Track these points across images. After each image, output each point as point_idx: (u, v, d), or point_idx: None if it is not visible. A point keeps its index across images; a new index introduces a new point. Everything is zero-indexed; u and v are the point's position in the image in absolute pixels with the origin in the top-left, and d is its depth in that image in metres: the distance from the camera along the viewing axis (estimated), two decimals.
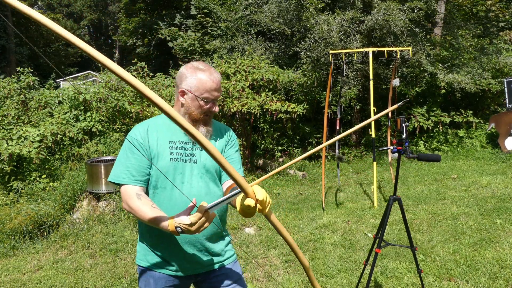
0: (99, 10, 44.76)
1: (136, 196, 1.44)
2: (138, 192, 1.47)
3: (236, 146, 1.70)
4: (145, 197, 1.46)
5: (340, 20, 7.80)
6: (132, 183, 1.49)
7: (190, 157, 1.55)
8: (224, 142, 1.66)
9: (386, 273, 3.23)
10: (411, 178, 6.59)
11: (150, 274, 1.59)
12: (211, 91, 1.52)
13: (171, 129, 1.57)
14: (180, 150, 1.55)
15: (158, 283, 1.58)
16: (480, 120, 9.02)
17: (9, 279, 3.51)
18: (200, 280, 1.63)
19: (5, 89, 8.01)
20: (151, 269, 1.58)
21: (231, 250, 1.69)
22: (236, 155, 1.68)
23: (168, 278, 1.58)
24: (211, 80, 1.51)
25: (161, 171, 1.49)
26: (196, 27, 13.96)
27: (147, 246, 1.59)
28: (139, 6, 21.45)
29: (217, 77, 1.55)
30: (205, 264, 1.59)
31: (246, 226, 4.59)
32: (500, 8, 10.69)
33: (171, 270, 1.57)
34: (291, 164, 1.25)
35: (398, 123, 2.41)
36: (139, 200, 1.42)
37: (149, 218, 1.36)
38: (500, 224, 4.09)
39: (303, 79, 8.43)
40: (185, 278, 1.60)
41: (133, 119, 7.87)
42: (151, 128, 1.56)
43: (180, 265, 1.56)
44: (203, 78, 1.51)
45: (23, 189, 5.80)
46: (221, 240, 1.64)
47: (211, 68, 1.57)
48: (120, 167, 1.52)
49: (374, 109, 5.20)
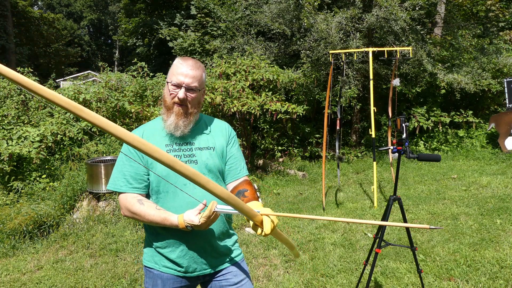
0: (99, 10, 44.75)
1: (138, 202, 1.46)
2: (139, 197, 1.49)
3: (236, 142, 1.69)
4: (147, 201, 1.47)
5: (340, 19, 7.79)
6: (130, 191, 1.51)
7: (189, 158, 1.54)
8: (224, 141, 1.63)
9: (386, 273, 3.23)
10: (411, 178, 6.59)
11: (158, 275, 1.58)
12: (177, 74, 1.49)
13: (167, 132, 1.56)
14: (178, 152, 1.53)
15: (166, 284, 1.57)
16: (480, 120, 9.02)
17: (9, 279, 3.51)
18: (208, 279, 1.63)
19: (5, 89, 8.02)
20: (159, 270, 1.58)
21: (238, 249, 1.69)
22: (238, 153, 1.67)
23: (176, 279, 1.58)
24: (180, 64, 1.51)
25: (160, 175, 1.48)
26: (196, 27, 13.97)
27: (154, 248, 1.59)
28: (139, 7, 21.46)
29: (189, 63, 1.51)
30: (213, 264, 1.59)
31: (246, 226, 4.59)
32: (500, 8, 10.68)
33: (179, 271, 1.56)
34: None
35: (398, 123, 2.40)
36: (142, 205, 1.44)
37: (157, 219, 1.41)
38: (500, 224, 4.09)
39: (303, 79, 8.43)
40: (193, 278, 1.60)
41: (133, 119, 7.87)
42: (146, 133, 1.57)
43: (188, 266, 1.55)
44: (176, 63, 1.53)
45: (23, 189, 5.80)
46: (227, 239, 1.64)
47: (192, 59, 1.56)
48: (117, 174, 1.54)
49: (374, 109, 5.19)
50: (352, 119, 10.15)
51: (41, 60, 27.82)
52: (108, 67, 9.42)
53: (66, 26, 37.58)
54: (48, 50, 28.68)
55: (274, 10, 9.19)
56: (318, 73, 8.67)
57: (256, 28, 10.33)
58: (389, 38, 8.00)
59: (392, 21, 7.52)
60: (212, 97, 6.50)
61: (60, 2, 42.37)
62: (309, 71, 8.65)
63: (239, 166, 1.64)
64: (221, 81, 7.20)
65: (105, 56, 43.09)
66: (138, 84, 8.38)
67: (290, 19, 9.13)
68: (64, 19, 38.25)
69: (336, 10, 8.18)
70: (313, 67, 8.59)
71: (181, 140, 1.56)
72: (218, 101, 6.42)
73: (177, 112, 1.51)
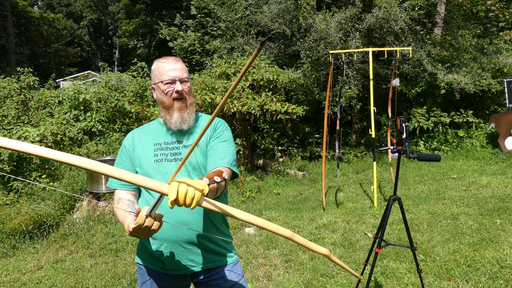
0: (99, 10, 44.75)
1: (117, 201, 1.53)
2: (120, 196, 1.54)
3: (221, 137, 1.59)
4: (123, 201, 1.52)
5: (339, 18, 7.79)
6: (120, 188, 1.58)
7: (175, 156, 1.56)
8: (208, 136, 1.59)
9: (386, 273, 3.23)
10: (411, 178, 6.59)
11: (148, 271, 1.60)
12: (166, 72, 1.55)
13: (158, 131, 1.62)
14: (165, 151, 1.57)
15: (155, 281, 1.58)
16: (480, 120, 9.02)
17: (9, 279, 3.51)
18: (198, 281, 1.61)
19: (5, 89, 8.02)
20: (148, 267, 1.60)
21: (231, 251, 1.65)
22: (219, 146, 1.55)
23: (163, 276, 1.58)
24: (163, 63, 1.57)
25: (146, 173, 1.54)
26: (196, 27, 13.97)
27: (143, 245, 1.61)
28: (139, 7, 21.48)
29: (170, 59, 1.58)
30: (199, 262, 1.56)
31: (246, 226, 4.59)
32: (500, 8, 10.69)
33: (166, 268, 1.57)
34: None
35: (398, 123, 2.40)
36: (118, 204, 1.51)
37: (121, 221, 1.46)
38: (500, 224, 4.09)
39: (303, 79, 8.43)
40: (180, 276, 1.59)
41: (133, 119, 7.88)
42: (139, 134, 1.65)
43: (173, 264, 1.55)
44: (158, 65, 1.58)
45: (23, 189, 5.80)
46: (218, 240, 1.60)
47: (169, 56, 1.62)
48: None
49: (374, 109, 5.19)
50: (352, 119, 10.15)
51: (41, 60, 27.82)
52: (108, 67, 9.42)
53: (66, 26, 37.60)
54: (48, 50, 28.68)
55: (274, 10, 9.19)
56: (318, 73, 8.67)
57: (256, 28, 10.33)
58: (389, 38, 8.01)
59: (392, 21, 7.52)
60: (212, 97, 6.50)
61: (60, 2, 42.37)
62: (309, 71, 8.65)
63: (216, 158, 1.51)
64: (221, 81, 7.21)
65: (105, 56, 43.09)
66: (138, 84, 8.39)
67: (290, 19, 9.13)
68: (64, 19, 38.26)
69: (335, 10, 8.18)
70: (313, 67, 8.60)
71: (171, 139, 1.59)
72: (218, 101, 6.42)
73: (178, 107, 1.55)
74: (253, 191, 6.33)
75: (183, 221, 1.49)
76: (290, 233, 1.16)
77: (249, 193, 6.16)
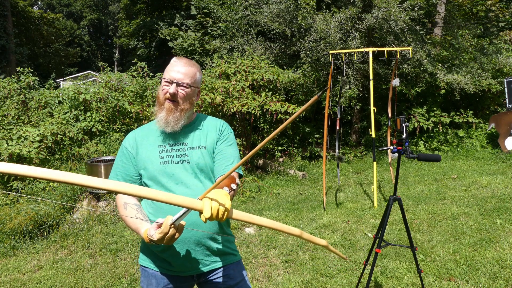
0: (99, 10, 44.74)
1: (123, 206, 1.50)
2: (126, 201, 1.52)
3: (229, 140, 1.64)
4: (130, 206, 1.50)
5: (339, 18, 7.79)
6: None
7: (181, 157, 1.55)
8: (215, 138, 1.62)
9: (386, 273, 3.23)
10: (411, 178, 6.59)
11: (152, 274, 1.59)
12: (170, 71, 1.54)
13: (161, 133, 1.60)
14: (170, 153, 1.56)
15: (160, 283, 1.58)
16: (480, 120, 9.02)
17: (9, 279, 3.51)
18: (203, 281, 1.62)
19: (5, 89, 8.02)
20: (153, 269, 1.59)
21: (235, 250, 1.67)
22: (228, 150, 1.61)
23: (171, 278, 1.58)
24: (175, 62, 1.56)
25: (152, 175, 1.54)
26: (196, 27, 13.98)
27: (149, 247, 1.59)
28: (139, 7, 21.49)
29: (182, 61, 1.56)
30: (206, 263, 1.58)
31: (246, 226, 4.59)
32: (500, 8, 10.69)
33: (172, 270, 1.56)
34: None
35: (398, 123, 2.40)
36: (125, 209, 1.49)
37: (132, 227, 1.44)
38: (500, 224, 4.09)
39: (303, 79, 8.43)
40: (187, 277, 1.60)
41: (133, 119, 7.88)
42: (141, 135, 1.63)
43: (181, 265, 1.55)
44: (171, 61, 1.58)
45: (23, 189, 5.80)
46: (222, 239, 1.62)
47: (187, 58, 1.62)
48: (111, 174, 1.62)
49: (374, 109, 5.19)
50: (352, 119, 10.15)
51: (41, 60, 27.83)
52: (108, 67, 9.43)
53: (66, 26, 37.60)
54: (48, 50, 28.68)
55: (274, 10, 9.19)
56: (318, 73, 8.67)
57: (256, 28, 10.34)
58: (388, 38, 8.01)
59: (392, 22, 7.52)
60: (212, 97, 6.50)
61: (60, 2, 42.37)
62: (309, 71, 8.65)
63: (226, 162, 1.57)
64: (221, 81, 7.21)
65: (105, 56, 43.09)
66: (138, 84, 8.39)
67: (290, 19, 9.13)
68: (64, 19, 38.27)
69: (335, 10, 8.18)
70: (313, 67, 8.60)
71: (174, 140, 1.58)
72: (218, 101, 6.42)
73: (167, 107, 1.54)
74: (253, 191, 6.33)
75: (192, 222, 1.49)
76: (299, 232, 1.29)
77: (249, 193, 6.17)
